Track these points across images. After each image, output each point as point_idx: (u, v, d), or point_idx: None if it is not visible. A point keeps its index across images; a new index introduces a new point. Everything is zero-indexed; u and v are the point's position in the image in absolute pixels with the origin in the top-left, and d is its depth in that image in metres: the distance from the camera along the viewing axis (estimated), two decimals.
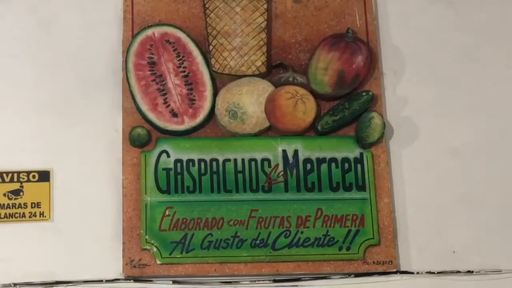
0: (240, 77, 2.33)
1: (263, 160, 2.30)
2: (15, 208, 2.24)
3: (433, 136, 2.41)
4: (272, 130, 2.33)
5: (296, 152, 2.30)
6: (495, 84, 2.52)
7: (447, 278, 2.29)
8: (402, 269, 2.28)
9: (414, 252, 2.31)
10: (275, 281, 2.26)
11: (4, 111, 2.35)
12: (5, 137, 2.32)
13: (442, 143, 2.40)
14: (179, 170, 2.27)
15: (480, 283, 2.29)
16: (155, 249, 2.21)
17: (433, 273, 2.26)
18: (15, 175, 2.25)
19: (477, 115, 2.47)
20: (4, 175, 2.25)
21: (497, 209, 2.36)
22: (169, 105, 2.28)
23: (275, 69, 2.38)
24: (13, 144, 2.32)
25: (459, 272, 2.27)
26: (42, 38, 2.44)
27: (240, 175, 2.28)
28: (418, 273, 2.26)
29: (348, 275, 2.27)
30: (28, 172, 2.26)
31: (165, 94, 2.28)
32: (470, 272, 2.28)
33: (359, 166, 2.31)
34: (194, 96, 2.30)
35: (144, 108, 2.27)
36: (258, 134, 2.33)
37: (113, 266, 2.22)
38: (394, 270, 2.26)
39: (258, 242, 2.24)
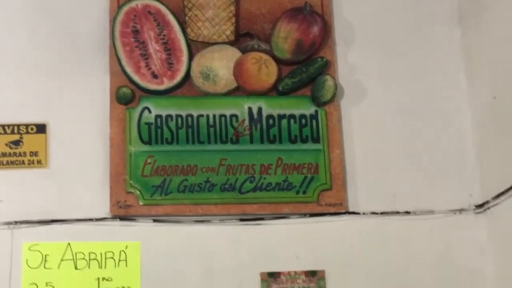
0: (212, 44, 2.31)
1: (231, 116, 2.30)
2: (16, 156, 2.23)
3: (378, 97, 2.43)
4: (239, 90, 2.32)
5: (260, 109, 2.30)
6: (433, 55, 2.53)
7: (388, 218, 2.33)
8: (351, 210, 2.31)
9: (361, 196, 2.34)
10: (241, 220, 2.29)
11: (6, 73, 2.32)
12: (7, 95, 2.30)
13: (385, 102, 2.42)
14: (159, 124, 2.26)
15: (416, 222, 2.33)
16: (138, 192, 2.20)
17: (377, 213, 2.30)
18: (15, 127, 2.24)
19: (416, 81, 2.49)
20: (6, 127, 2.24)
21: (431, 160, 2.40)
22: (150, 68, 2.26)
23: (243, 37, 2.37)
24: (14, 101, 2.30)
25: (398, 212, 2.31)
26: (40, 8, 2.40)
27: (211, 129, 2.28)
28: (364, 213, 2.30)
29: (304, 215, 2.30)
30: (27, 125, 2.25)
31: (147, 58, 2.26)
32: (407, 212, 2.32)
33: (314, 121, 2.31)
34: (172, 60, 2.28)
35: (129, 70, 2.25)
36: (228, 94, 2.32)
37: (102, 207, 2.24)
38: (344, 211, 2.30)
39: (227, 186, 2.25)
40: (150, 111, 2.26)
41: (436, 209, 2.35)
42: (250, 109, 2.31)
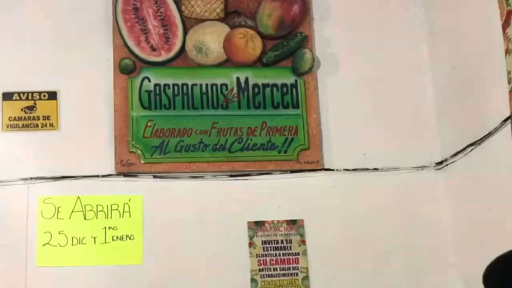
0: (204, 21, 2.36)
1: (221, 84, 2.36)
2: (30, 120, 2.28)
3: (350, 67, 2.49)
4: (228, 62, 2.37)
5: (247, 79, 2.36)
6: (399, 29, 2.56)
7: (359, 174, 2.42)
8: (326, 167, 2.40)
9: (335, 155, 2.43)
10: (231, 176, 2.37)
11: (22, 47, 2.36)
12: (22, 66, 2.33)
13: (356, 72, 2.49)
14: (157, 92, 2.32)
15: (383, 177, 2.43)
16: (139, 152, 2.27)
17: (349, 170, 2.39)
18: (30, 94, 2.29)
19: (383, 53, 2.54)
20: (21, 94, 2.29)
21: (396, 123, 2.47)
22: (149, 41, 2.31)
23: (231, 15, 2.41)
24: (29, 71, 2.34)
25: (368, 169, 2.41)
26: None
27: (204, 96, 2.34)
28: (337, 170, 2.39)
29: (285, 171, 2.39)
30: (40, 93, 2.30)
31: (146, 33, 2.32)
32: (376, 169, 2.41)
33: (294, 90, 2.38)
34: (169, 35, 2.33)
35: (130, 43, 2.30)
36: (218, 65, 2.37)
37: (107, 165, 2.30)
38: (320, 168, 2.39)
39: (218, 146, 2.32)
40: (149, 80, 2.31)
41: (400, 166, 2.43)
42: (238, 79, 2.36)
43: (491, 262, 0.79)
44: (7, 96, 2.29)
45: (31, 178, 2.26)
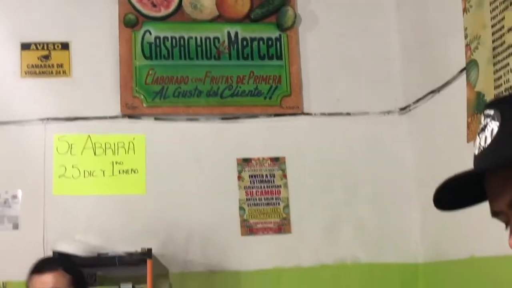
0: None
1: (214, 38, 2.46)
2: (45, 67, 2.39)
3: (327, 23, 2.59)
4: (220, 18, 2.47)
5: (236, 33, 2.47)
6: None
7: (334, 118, 2.55)
8: (305, 111, 2.54)
9: (313, 101, 2.55)
10: (222, 118, 2.50)
11: (39, 2, 2.45)
12: (38, 19, 2.43)
13: (333, 28, 2.59)
14: (158, 44, 2.42)
15: (354, 121, 2.56)
16: (142, 97, 2.38)
17: (325, 114, 2.52)
18: (45, 45, 2.40)
19: (356, 10, 2.62)
20: (38, 45, 2.39)
21: (366, 72, 2.58)
22: None
23: None
24: (44, 24, 2.43)
25: (341, 113, 2.54)
26: None
27: (199, 48, 2.44)
28: (315, 114, 2.53)
29: (270, 115, 2.53)
30: (54, 43, 2.40)
31: None
32: (348, 114, 2.54)
33: (278, 43, 2.49)
34: None
35: (133, 0, 2.41)
36: (211, 20, 2.47)
37: (114, 108, 2.44)
38: (300, 112, 2.52)
39: (211, 93, 2.44)
40: (150, 33, 2.40)
41: (370, 111, 2.56)
42: (228, 33, 2.46)
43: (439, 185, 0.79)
44: (25, 46, 2.38)
45: (48, 119, 2.38)
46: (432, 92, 2.35)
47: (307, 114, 2.59)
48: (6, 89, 2.43)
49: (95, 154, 2.45)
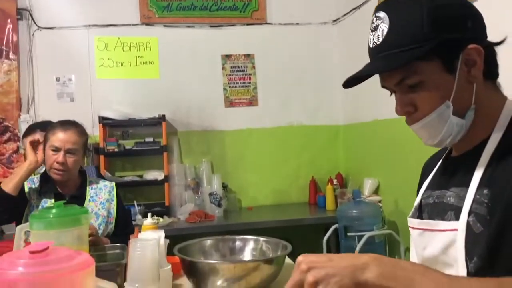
0: None
1: None
2: None
3: None
4: None
5: None
6: None
7: (288, 27, 3.24)
8: (268, 22, 3.26)
9: (274, 14, 3.25)
10: (211, 26, 3.20)
11: None
12: None
13: None
14: None
15: (301, 29, 3.26)
16: (154, 10, 3.12)
17: (282, 24, 3.26)
18: None
19: None
20: None
21: None
22: None
23: None
24: None
25: (292, 23, 3.28)
26: None
27: None
28: (275, 24, 3.27)
29: (244, 24, 3.24)
30: None
31: None
32: (297, 24, 3.27)
33: None
34: None
35: None
36: None
37: (135, 18, 3.12)
38: (264, 22, 3.26)
39: (203, 7, 3.18)
40: None
41: (311, 21, 3.31)
42: None
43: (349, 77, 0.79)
44: None
45: (90, 25, 3.07)
46: (355, 8, 2.98)
47: (270, 23, 3.30)
48: (61, 4, 3.06)
49: (123, 50, 3.15)
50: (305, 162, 3.36)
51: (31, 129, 2.17)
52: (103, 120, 3.02)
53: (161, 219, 2.77)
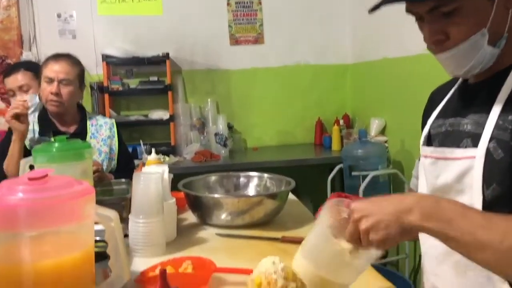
0: None
1: None
2: None
3: None
4: None
5: None
6: None
7: None
8: None
9: None
10: None
11: None
12: None
13: None
14: None
15: None
16: None
17: None
18: None
19: None
20: None
21: None
22: None
23: None
24: None
25: None
26: None
27: None
28: None
29: None
30: None
31: None
32: None
33: None
34: None
35: None
36: None
37: None
38: None
39: None
40: None
41: None
42: None
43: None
44: None
45: None
46: None
47: None
48: None
49: None
50: (311, 103, 3.35)
51: (14, 68, 2.06)
52: (106, 58, 2.98)
53: (167, 158, 2.79)
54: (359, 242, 0.67)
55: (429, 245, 0.83)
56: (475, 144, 0.74)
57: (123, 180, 1.44)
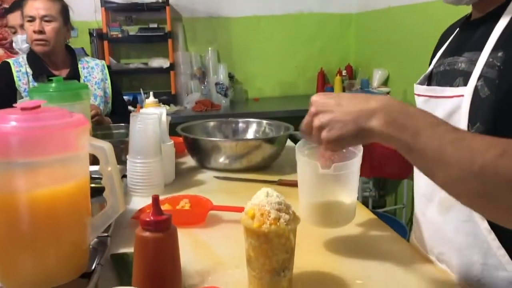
0: None
1: None
2: None
3: None
4: None
5: None
6: None
7: None
8: None
9: None
10: None
11: None
12: None
13: None
14: None
15: None
16: None
17: None
18: None
19: None
20: None
21: None
22: None
23: None
24: None
25: None
26: None
27: None
28: None
29: None
30: None
31: None
32: None
33: None
34: None
35: None
36: None
37: None
38: None
39: None
40: None
41: None
42: None
43: None
44: None
45: None
46: None
47: None
48: None
49: None
50: (314, 53, 3.32)
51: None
52: (105, 3, 2.92)
53: (167, 107, 2.79)
54: (312, 137, 0.64)
55: (419, 184, 0.82)
56: (465, 82, 0.71)
57: (123, 124, 1.44)
